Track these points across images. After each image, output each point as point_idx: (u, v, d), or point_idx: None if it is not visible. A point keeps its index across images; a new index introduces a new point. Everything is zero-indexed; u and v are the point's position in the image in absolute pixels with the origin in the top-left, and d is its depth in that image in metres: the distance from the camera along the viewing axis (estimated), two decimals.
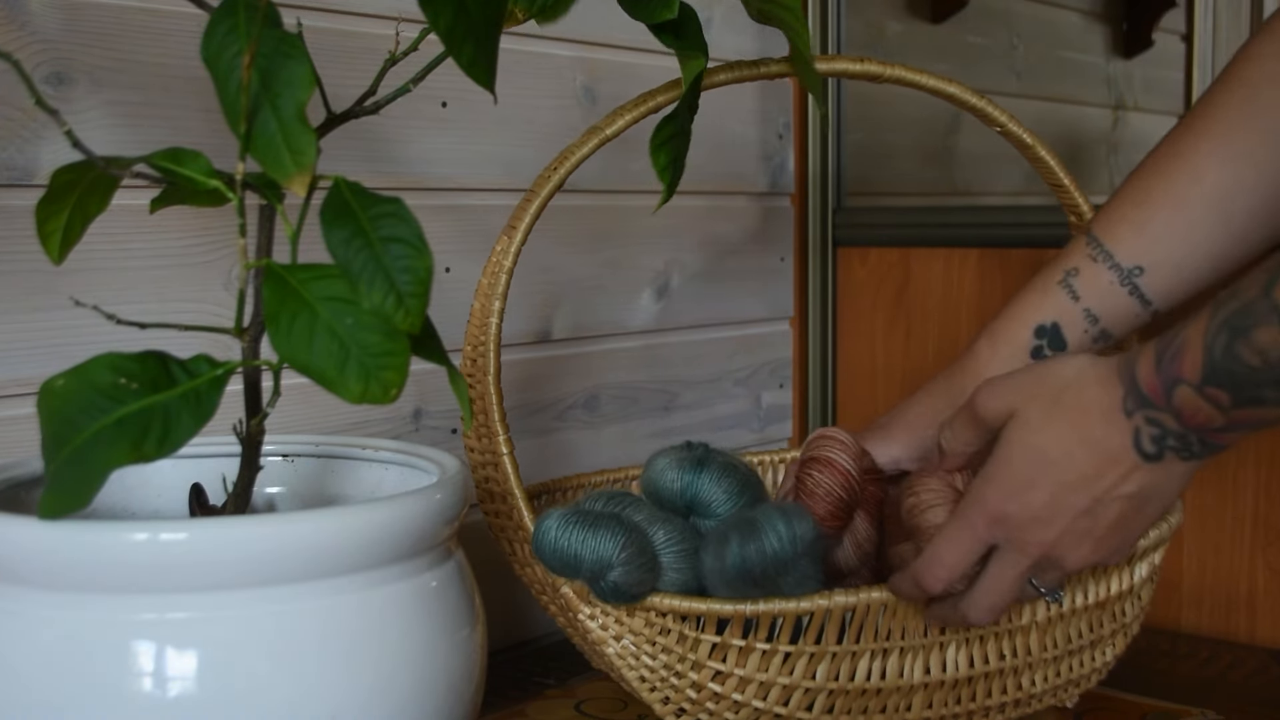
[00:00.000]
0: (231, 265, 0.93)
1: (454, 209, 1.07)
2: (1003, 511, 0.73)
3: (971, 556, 0.75)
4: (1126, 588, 0.87)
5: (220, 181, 0.62)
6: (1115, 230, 0.84)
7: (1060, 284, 0.85)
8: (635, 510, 0.80)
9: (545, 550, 0.76)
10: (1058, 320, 0.85)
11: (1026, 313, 0.86)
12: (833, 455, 0.82)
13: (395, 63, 0.70)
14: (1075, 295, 0.85)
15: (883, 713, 0.82)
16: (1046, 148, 0.91)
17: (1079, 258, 0.85)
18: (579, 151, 0.82)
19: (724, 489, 0.83)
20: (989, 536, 0.74)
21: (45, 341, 0.85)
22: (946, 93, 0.89)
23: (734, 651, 0.78)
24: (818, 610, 0.77)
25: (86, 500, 0.55)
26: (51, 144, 0.84)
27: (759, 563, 0.74)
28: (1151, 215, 0.83)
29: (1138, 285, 0.84)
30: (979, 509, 0.74)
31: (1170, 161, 0.84)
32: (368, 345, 0.58)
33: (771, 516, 0.75)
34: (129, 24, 0.87)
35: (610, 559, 0.75)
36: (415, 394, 1.05)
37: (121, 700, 0.57)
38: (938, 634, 0.81)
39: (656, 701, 0.81)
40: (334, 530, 0.60)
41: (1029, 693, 0.86)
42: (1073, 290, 0.85)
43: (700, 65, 0.72)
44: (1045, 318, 0.86)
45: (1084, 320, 0.85)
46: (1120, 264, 0.84)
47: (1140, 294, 0.84)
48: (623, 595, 0.76)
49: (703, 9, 1.23)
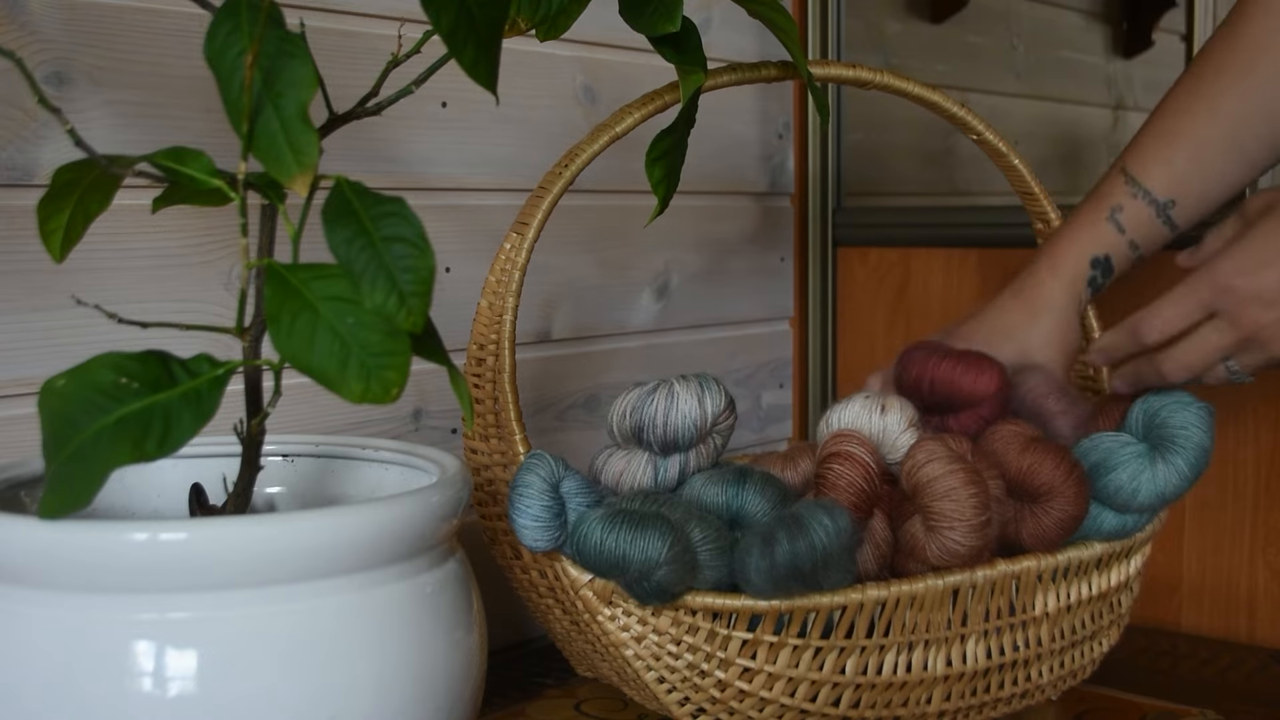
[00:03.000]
0: (233, 265, 0.93)
1: (454, 209, 1.07)
2: (1230, 284, 0.83)
3: (1189, 318, 0.85)
4: (1124, 579, 0.90)
5: (222, 181, 0.62)
6: (1149, 169, 0.95)
7: (1109, 220, 0.96)
8: (671, 508, 0.79)
9: (589, 551, 0.76)
10: (1109, 252, 0.96)
11: (1083, 246, 0.97)
12: (852, 449, 0.82)
13: (398, 64, 0.70)
14: (1121, 229, 0.96)
15: (904, 706, 0.84)
16: (1019, 156, 0.99)
17: (1121, 196, 0.96)
18: (589, 149, 0.82)
19: (768, 499, 0.83)
20: (1211, 304, 0.84)
21: (46, 341, 0.85)
22: (929, 100, 0.94)
23: (765, 648, 0.79)
24: (850, 604, 0.79)
25: (87, 500, 0.55)
26: (52, 144, 0.84)
27: (809, 558, 0.75)
28: (1177, 153, 0.95)
29: (1170, 216, 0.95)
30: (1209, 277, 0.84)
31: (1191, 101, 0.94)
32: (369, 345, 0.57)
33: (815, 511, 0.76)
34: (129, 24, 0.87)
35: (658, 559, 0.75)
36: (415, 394, 1.05)
37: (121, 700, 0.57)
38: (960, 626, 0.83)
39: (674, 703, 0.82)
40: (334, 530, 0.60)
41: (1036, 684, 0.88)
42: (1119, 225, 0.96)
43: (699, 80, 0.73)
44: (1099, 250, 0.96)
45: (1129, 250, 0.96)
46: (1157, 199, 0.95)
47: (1171, 222, 0.96)
48: (664, 595, 0.76)
49: (702, 9, 1.23)
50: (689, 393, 0.83)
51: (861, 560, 0.82)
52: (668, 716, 0.84)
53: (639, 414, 0.83)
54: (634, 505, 0.79)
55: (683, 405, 0.82)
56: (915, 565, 0.82)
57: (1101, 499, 0.87)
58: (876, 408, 0.86)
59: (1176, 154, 0.94)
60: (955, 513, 0.79)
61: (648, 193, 0.79)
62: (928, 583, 0.81)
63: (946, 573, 0.81)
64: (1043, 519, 0.84)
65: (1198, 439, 0.86)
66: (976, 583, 0.83)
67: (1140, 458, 0.86)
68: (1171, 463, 0.86)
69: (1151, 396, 0.88)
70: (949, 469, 0.80)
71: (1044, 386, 0.93)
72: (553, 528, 0.78)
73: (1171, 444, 0.86)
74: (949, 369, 0.90)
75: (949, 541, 0.80)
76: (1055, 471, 0.83)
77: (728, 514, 0.83)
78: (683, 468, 0.85)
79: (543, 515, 0.77)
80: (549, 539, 0.78)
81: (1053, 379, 0.94)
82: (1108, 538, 0.88)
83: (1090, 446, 0.88)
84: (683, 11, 0.71)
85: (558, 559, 0.79)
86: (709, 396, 0.84)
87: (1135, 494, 0.86)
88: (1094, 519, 0.87)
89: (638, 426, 0.83)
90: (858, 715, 0.83)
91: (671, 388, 0.83)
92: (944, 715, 0.86)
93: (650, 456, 0.85)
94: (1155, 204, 0.95)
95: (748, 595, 0.78)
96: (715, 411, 0.84)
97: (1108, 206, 0.96)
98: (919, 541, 0.81)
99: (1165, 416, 0.87)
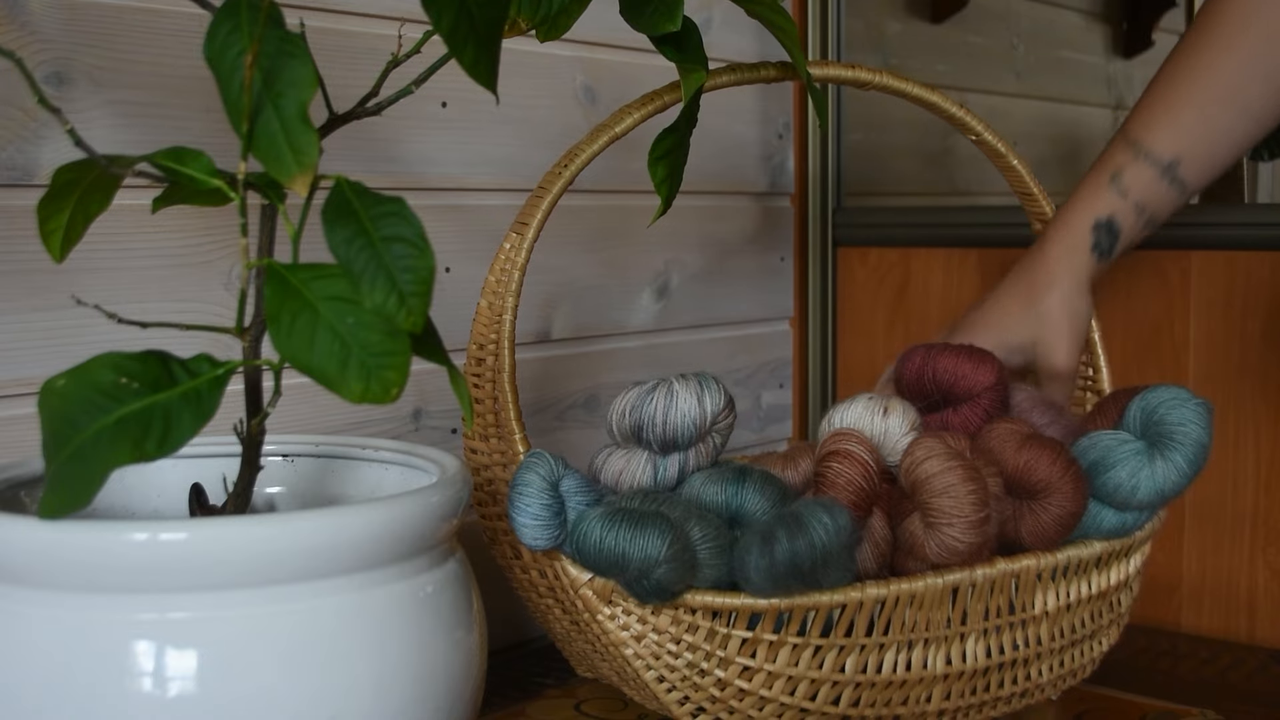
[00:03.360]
0: (233, 265, 0.93)
1: (454, 209, 1.07)
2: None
3: None
4: (1124, 578, 0.90)
5: (222, 181, 0.62)
6: (1152, 132, 0.96)
7: (1110, 184, 0.96)
8: (671, 507, 0.79)
9: (588, 549, 0.76)
10: (1112, 215, 0.96)
11: (1083, 213, 0.97)
12: (850, 448, 0.82)
13: (398, 64, 0.70)
14: (1124, 193, 0.96)
15: (904, 705, 0.84)
16: (1018, 156, 0.99)
17: (1122, 159, 0.96)
18: (589, 149, 0.82)
19: (768, 498, 0.83)
20: None
21: (46, 341, 0.85)
22: (928, 101, 0.94)
23: (764, 646, 0.79)
24: (850, 602, 0.79)
25: (87, 500, 0.55)
26: (52, 144, 0.84)
27: (808, 556, 0.75)
28: (1181, 114, 0.95)
29: (1177, 175, 0.95)
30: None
31: (1190, 63, 0.96)
32: (369, 345, 0.57)
33: (814, 509, 0.76)
34: (129, 24, 0.87)
35: (658, 557, 0.75)
36: (415, 394, 1.05)
37: (121, 700, 0.57)
38: (959, 625, 0.83)
39: (673, 702, 0.82)
40: (334, 530, 0.60)
41: (1035, 683, 0.88)
42: (1121, 188, 0.96)
43: (701, 79, 0.73)
44: (1101, 214, 0.97)
45: (1134, 213, 0.96)
46: (1159, 159, 0.95)
47: (1180, 182, 0.96)
48: (664, 594, 0.77)
49: (702, 9, 1.23)
50: (688, 391, 0.83)
51: (861, 559, 0.82)
52: (668, 716, 0.84)
53: (638, 413, 0.83)
54: (633, 504, 0.79)
55: (682, 404, 0.83)
56: (915, 564, 0.82)
57: (1101, 497, 0.87)
58: (879, 409, 0.86)
59: (1179, 114, 0.95)
60: (954, 509, 0.79)
61: (648, 193, 0.79)
62: (927, 581, 0.81)
63: (946, 571, 0.82)
64: (1041, 516, 0.84)
65: (1196, 435, 0.86)
66: (976, 581, 0.83)
67: (1139, 455, 0.86)
68: (1170, 459, 0.86)
69: (1149, 393, 0.88)
70: (947, 465, 0.80)
71: (1029, 401, 0.93)
72: (552, 526, 0.78)
73: (1170, 441, 0.86)
74: (948, 361, 0.91)
75: (948, 538, 0.80)
76: (1052, 468, 0.84)
77: (727, 513, 0.83)
78: (682, 467, 0.85)
79: (542, 514, 0.77)
80: (549, 537, 0.78)
81: (1037, 394, 0.95)
82: (1107, 536, 0.88)
83: (1089, 444, 0.88)
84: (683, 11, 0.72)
85: (557, 558, 0.79)
86: (708, 395, 0.84)
87: (1135, 491, 0.86)
88: (1093, 517, 0.87)
89: (637, 425, 0.83)
90: (857, 714, 0.83)
91: (671, 386, 0.83)
92: (944, 714, 0.86)
93: (650, 455, 0.85)
94: (1158, 164, 0.95)
95: (747, 594, 0.78)
96: (715, 410, 0.84)
97: (1109, 172, 0.97)
98: (918, 539, 0.81)
99: (1163, 413, 0.87)
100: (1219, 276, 1.14)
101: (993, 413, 0.91)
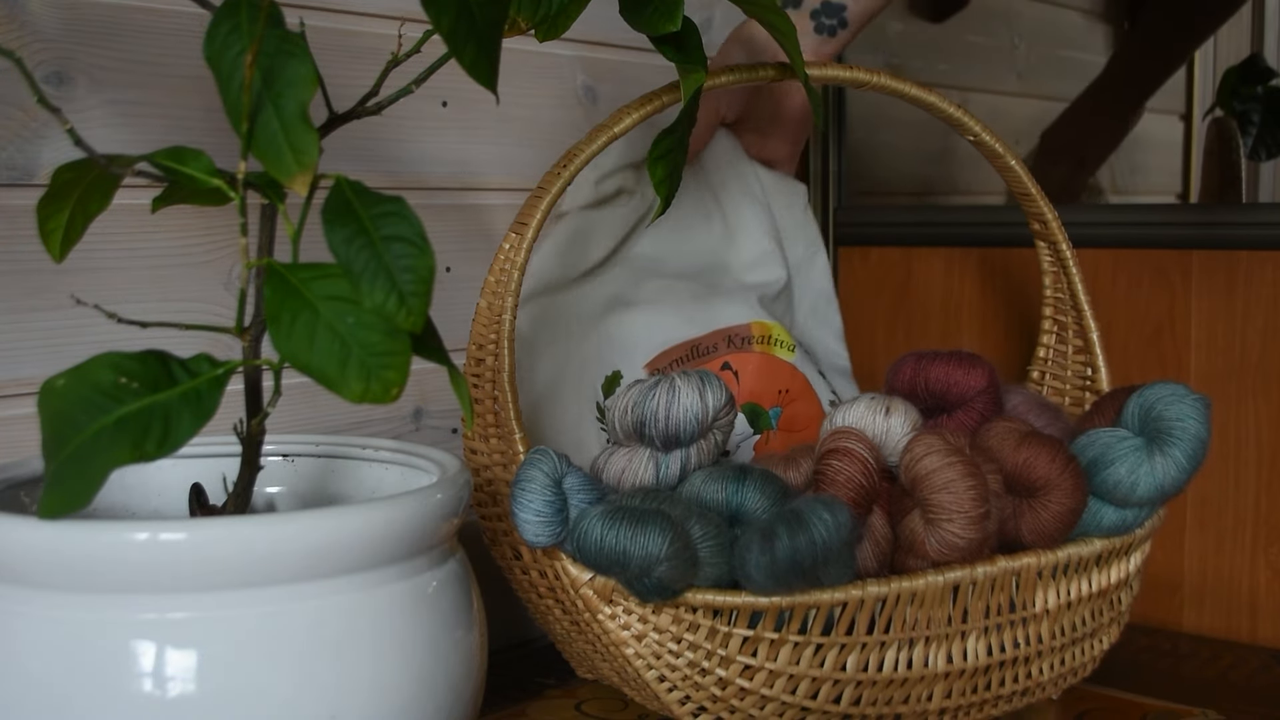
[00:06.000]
0: (233, 264, 0.93)
1: (454, 209, 1.07)
2: None
3: None
4: (1124, 576, 0.90)
5: (222, 180, 0.62)
6: None
7: None
8: (671, 505, 0.79)
9: (589, 548, 0.76)
10: None
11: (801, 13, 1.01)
12: (850, 445, 0.82)
13: (398, 64, 0.70)
14: None
15: (905, 703, 0.84)
16: (1016, 157, 0.97)
17: None
18: (588, 149, 0.82)
19: (768, 496, 0.83)
20: None
21: (46, 341, 0.85)
22: (926, 101, 0.94)
23: (766, 645, 0.79)
24: (851, 600, 0.79)
25: (87, 500, 0.55)
26: (52, 143, 0.84)
27: (809, 553, 0.75)
28: None
29: None
30: None
31: None
32: (369, 344, 0.57)
33: (814, 506, 0.76)
34: (129, 24, 0.87)
35: (658, 555, 0.75)
36: (415, 394, 1.05)
37: (121, 700, 0.57)
38: (960, 623, 0.83)
39: (674, 702, 0.82)
40: (333, 530, 0.60)
41: (1036, 681, 0.88)
42: None
43: (700, 79, 0.73)
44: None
45: None
46: None
47: None
48: (665, 592, 0.76)
49: (703, 9, 1.23)
50: (690, 387, 0.83)
51: (861, 557, 0.82)
52: (669, 716, 0.84)
53: (640, 409, 0.83)
54: (634, 502, 0.79)
55: (684, 399, 0.83)
56: (915, 561, 0.82)
57: (1101, 494, 0.87)
58: (881, 409, 0.86)
59: None
60: (954, 505, 0.79)
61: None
62: (928, 579, 0.81)
63: (947, 569, 0.82)
64: (1041, 513, 0.84)
65: (1195, 430, 0.86)
66: (977, 579, 0.83)
67: (1138, 451, 0.86)
68: (1169, 455, 0.86)
69: (1147, 390, 0.88)
70: (947, 461, 0.80)
71: (1025, 403, 0.93)
72: (554, 523, 0.78)
73: (1169, 436, 0.86)
74: (939, 369, 0.91)
75: (948, 534, 0.80)
76: (1051, 465, 0.84)
77: (728, 511, 0.83)
78: (684, 464, 0.85)
79: (545, 510, 0.77)
80: (550, 534, 0.78)
81: (1034, 396, 0.95)
82: (1108, 533, 0.88)
83: (1087, 442, 0.88)
84: (683, 11, 0.72)
85: (558, 558, 0.79)
86: (710, 391, 0.84)
87: (1134, 488, 0.86)
88: (1094, 514, 0.87)
89: (639, 421, 0.83)
90: (858, 712, 0.83)
91: (673, 382, 0.83)
92: (945, 712, 0.86)
93: (652, 453, 0.85)
94: None
95: (748, 592, 0.78)
96: (716, 406, 0.84)
97: None
98: (918, 536, 0.81)
99: (1161, 409, 0.87)
100: (1219, 276, 1.14)
101: (987, 415, 0.91)
